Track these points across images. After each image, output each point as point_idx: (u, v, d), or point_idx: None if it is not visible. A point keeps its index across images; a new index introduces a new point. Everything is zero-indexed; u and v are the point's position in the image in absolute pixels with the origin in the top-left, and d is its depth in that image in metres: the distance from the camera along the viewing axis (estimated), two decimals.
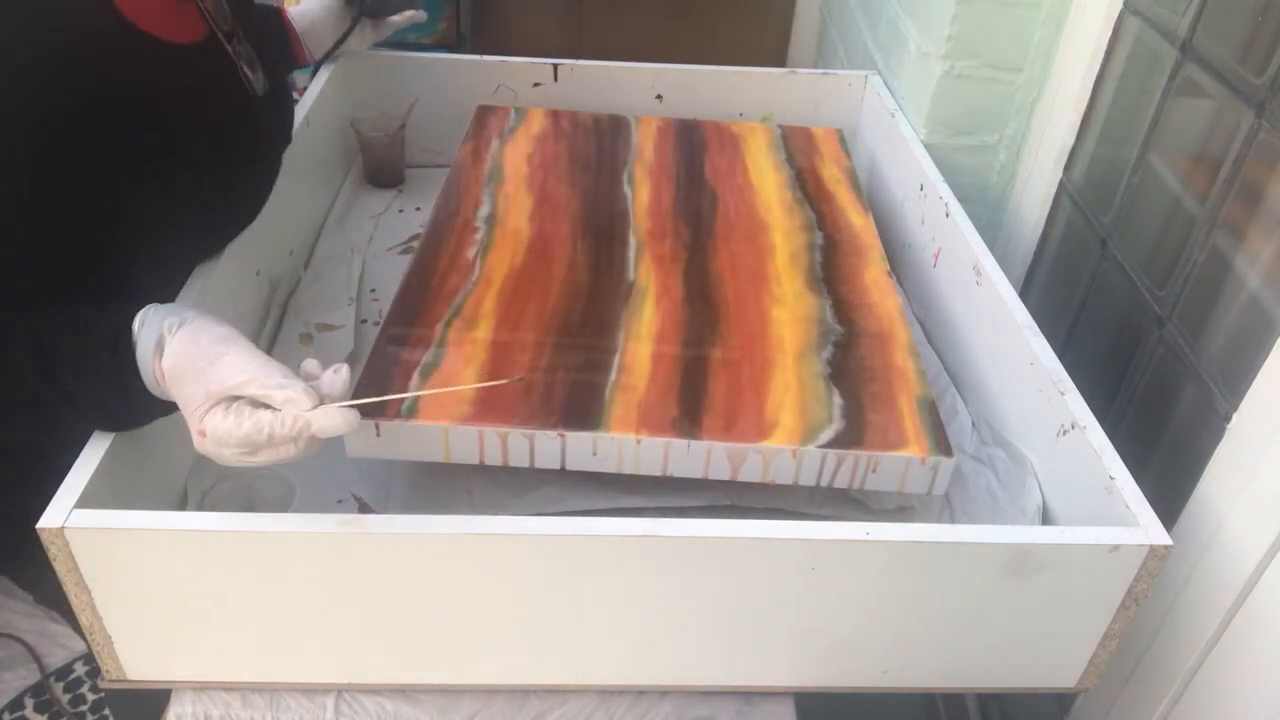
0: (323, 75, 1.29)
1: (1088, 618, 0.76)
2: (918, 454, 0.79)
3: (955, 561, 0.71)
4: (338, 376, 0.66)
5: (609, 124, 1.28)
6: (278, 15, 1.21)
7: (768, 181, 1.18)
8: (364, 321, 1.10)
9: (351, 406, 0.64)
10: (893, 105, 1.30)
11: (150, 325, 0.68)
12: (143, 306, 0.70)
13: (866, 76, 1.39)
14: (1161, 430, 0.94)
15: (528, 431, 0.78)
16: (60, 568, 0.69)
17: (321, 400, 0.64)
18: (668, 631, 0.75)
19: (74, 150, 0.71)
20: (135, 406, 0.70)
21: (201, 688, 0.78)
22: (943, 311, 1.08)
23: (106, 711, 1.57)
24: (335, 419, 0.63)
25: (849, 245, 1.06)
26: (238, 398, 0.64)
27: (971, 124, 1.23)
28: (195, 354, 0.66)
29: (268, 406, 0.63)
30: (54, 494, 0.69)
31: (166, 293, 0.85)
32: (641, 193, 1.14)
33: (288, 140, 1.03)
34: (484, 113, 1.29)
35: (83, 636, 0.74)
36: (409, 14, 1.32)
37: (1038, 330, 0.88)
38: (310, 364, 0.67)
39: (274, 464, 0.66)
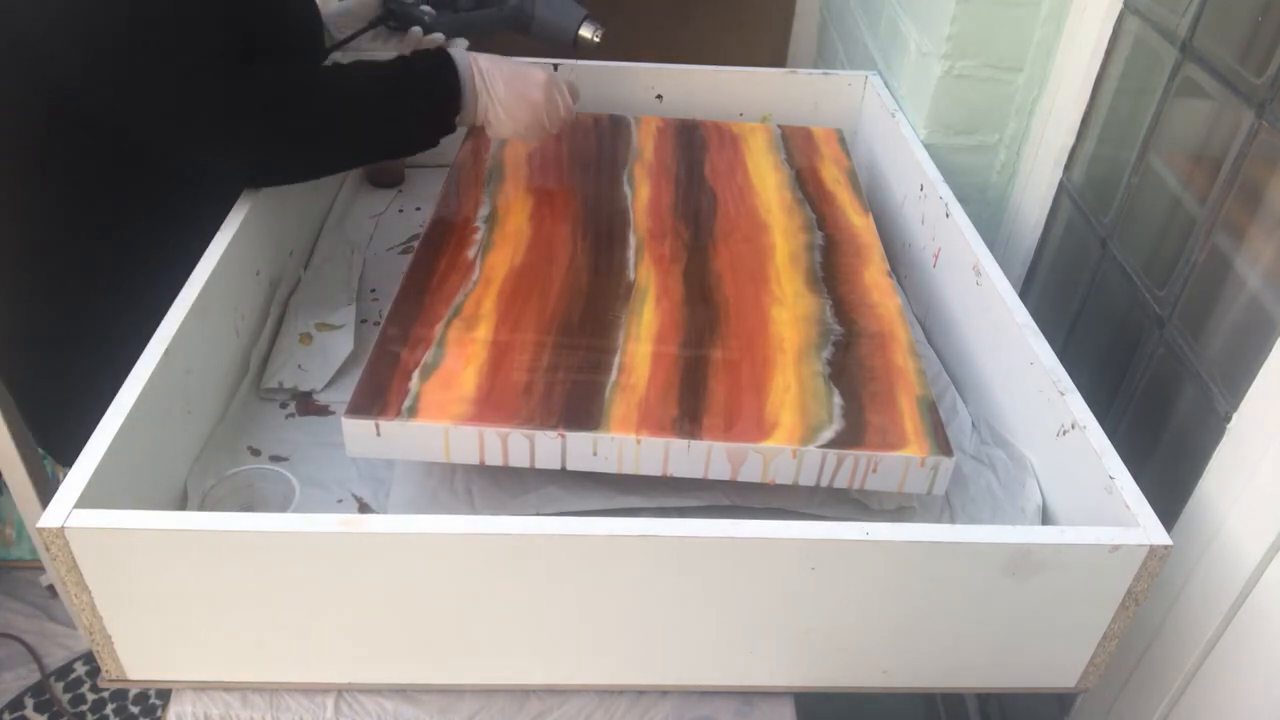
0: None
1: (1087, 618, 0.76)
2: (918, 454, 0.79)
3: (955, 561, 0.71)
4: None
5: (609, 124, 1.28)
6: None
7: (768, 181, 1.18)
8: (364, 321, 1.10)
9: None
10: (893, 105, 1.30)
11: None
12: None
13: (866, 76, 1.39)
14: (1161, 430, 0.94)
15: (528, 431, 0.78)
16: (60, 568, 0.69)
17: None
18: (668, 631, 0.75)
19: None
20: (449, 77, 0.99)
21: (201, 688, 0.78)
22: (943, 311, 1.08)
23: (107, 711, 1.57)
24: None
25: (849, 245, 1.06)
26: None
27: (971, 124, 1.23)
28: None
29: None
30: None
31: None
32: (641, 193, 1.14)
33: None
34: None
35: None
36: (433, 38, 1.32)
37: (1038, 330, 0.88)
38: None
39: (550, 127, 1.06)
